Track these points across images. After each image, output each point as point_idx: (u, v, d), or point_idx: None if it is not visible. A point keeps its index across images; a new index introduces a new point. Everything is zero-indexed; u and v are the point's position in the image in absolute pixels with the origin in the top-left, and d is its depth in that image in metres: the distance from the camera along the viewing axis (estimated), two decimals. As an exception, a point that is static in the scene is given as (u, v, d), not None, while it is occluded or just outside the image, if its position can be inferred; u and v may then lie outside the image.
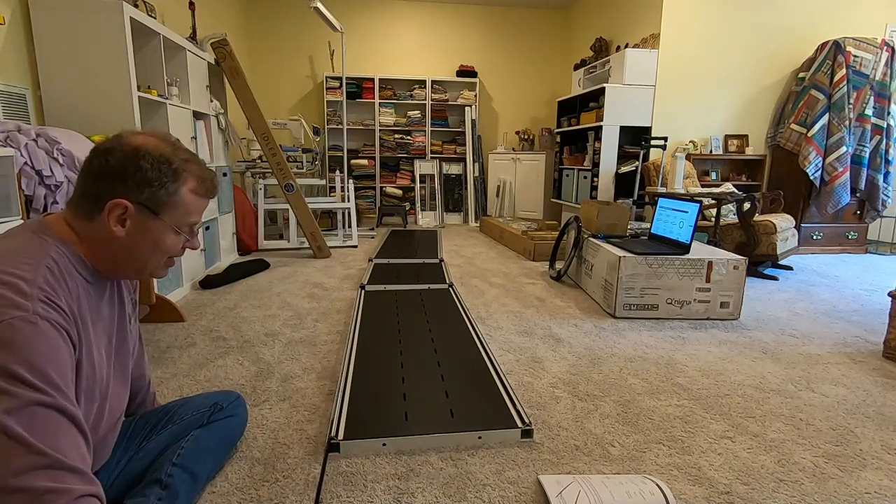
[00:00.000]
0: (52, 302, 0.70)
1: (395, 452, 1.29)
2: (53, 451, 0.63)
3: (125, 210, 0.78)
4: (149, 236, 0.82)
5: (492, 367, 1.76)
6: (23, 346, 0.64)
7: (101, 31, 2.27)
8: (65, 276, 0.75)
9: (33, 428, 0.62)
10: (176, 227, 0.84)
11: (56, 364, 0.67)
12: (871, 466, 1.28)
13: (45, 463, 0.62)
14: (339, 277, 3.17)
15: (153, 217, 0.81)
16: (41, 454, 0.62)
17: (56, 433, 0.64)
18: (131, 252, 0.82)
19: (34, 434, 0.62)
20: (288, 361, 1.87)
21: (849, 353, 2.03)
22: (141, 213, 0.80)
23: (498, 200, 5.87)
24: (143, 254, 0.83)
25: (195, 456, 1.07)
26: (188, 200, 0.84)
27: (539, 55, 6.13)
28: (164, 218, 0.82)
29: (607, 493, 1.10)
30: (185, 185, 0.83)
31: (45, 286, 0.70)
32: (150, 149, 0.80)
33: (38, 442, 0.62)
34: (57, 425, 0.64)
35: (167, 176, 0.80)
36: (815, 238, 4.19)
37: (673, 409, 1.55)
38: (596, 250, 2.71)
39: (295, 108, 5.77)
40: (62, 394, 0.66)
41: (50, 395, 0.65)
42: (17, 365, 0.62)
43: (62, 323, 0.70)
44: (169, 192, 0.81)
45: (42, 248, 0.74)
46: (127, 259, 0.82)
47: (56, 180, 1.75)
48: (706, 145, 4.36)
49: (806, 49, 4.19)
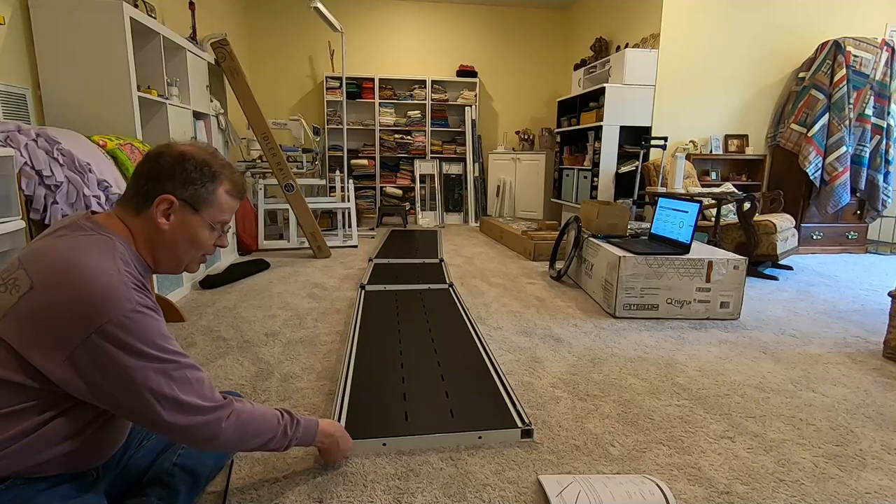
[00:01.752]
0: (139, 288, 0.82)
1: (395, 452, 1.29)
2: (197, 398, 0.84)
3: (171, 204, 0.89)
4: (188, 230, 0.92)
5: (492, 367, 1.76)
6: (140, 331, 0.77)
7: (101, 31, 2.27)
8: (131, 266, 0.84)
9: (179, 389, 0.82)
10: (211, 224, 0.94)
11: (165, 336, 0.82)
12: (871, 466, 1.28)
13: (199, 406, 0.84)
14: (339, 277, 3.17)
15: (193, 212, 0.92)
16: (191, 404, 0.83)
17: (192, 384, 0.84)
18: (173, 244, 0.92)
19: (181, 392, 0.82)
20: (288, 361, 1.87)
21: (849, 353, 2.03)
22: (183, 209, 0.90)
23: (498, 200, 5.87)
24: (182, 246, 0.93)
25: (195, 456, 1.07)
26: (223, 200, 0.95)
27: (539, 55, 6.13)
28: (202, 214, 0.92)
29: (607, 493, 1.10)
30: (221, 186, 0.94)
31: (129, 277, 0.81)
32: (193, 155, 0.92)
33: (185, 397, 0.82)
34: (191, 378, 0.84)
35: (207, 177, 0.92)
36: (815, 238, 4.19)
37: (673, 409, 1.55)
38: (596, 250, 2.71)
39: (295, 108, 5.77)
40: (181, 355, 0.84)
41: (175, 361, 0.82)
42: (147, 346, 0.78)
43: (151, 304, 0.83)
44: (208, 191, 0.92)
45: (109, 243, 0.83)
46: (168, 251, 0.92)
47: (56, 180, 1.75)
48: (706, 145, 4.36)
49: (806, 49, 4.19)
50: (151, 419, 0.80)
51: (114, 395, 0.77)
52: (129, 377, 0.77)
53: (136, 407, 0.79)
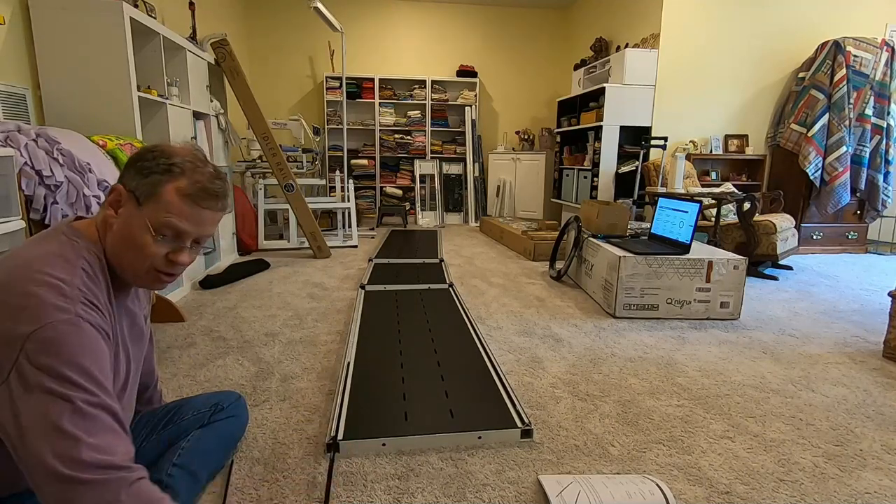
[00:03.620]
0: (91, 303, 0.73)
1: (395, 452, 1.29)
2: (104, 448, 0.66)
3: (119, 195, 0.80)
4: (128, 228, 0.79)
5: (492, 367, 1.76)
6: (69, 348, 0.67)
7: (101, 31, 2.26)
8: (98, 275, 0.78)
9: (85, 427, 0.65)
10: (153, 224, 0.79)
11: (99, 364, 0.70)
12: (871, 466, 1.28)
13: (98, 461, 0.65)
14: (339, 277, 3.17)
15: (136, 206, 0.79)
16: (95, 450, 0.65)
17: (105, 431, 0.67)
18: (117, 244, 0.80)
19: (86, 433, 0.65)
20: (288, 361, 1.87)
21: (849, 353, 2.03)
22: (129, 201, 0.80)
23: (498, 200, 5.87)
24: (122, 248, 0.80)
25: (195, 456, 1.07)
26: (169, 198, 0.79)
27: (539, 55, 6.13)
28: (143, 209, 0.79)
29: (607, 493, 1.10)
30: (173, 181, 0.79)
31: (83, 287, 0.73)
32: (165, 148, 0.82)
33: (91, 439, 0.65)
34: (105, 423, 0.68)
35: (159, 168, 0.79)
36: (815, 238, 4.19)
37: (673, 409, 1.55)
38: (596, 250, 2.71)
39: (295, 108, 5.77)
40: (106, 392, 0.70)
41: (96, 394, 0.68)
42: (65, 367, 0.65)
43: (101, 324, 0.74)
44: (153, 183, 0.79)
45: (75, 250, 0.76)
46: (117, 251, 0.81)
47: (56, 180, 1.75)
48: (706, 145, 4.36)
49: (806, 49, 4.19)
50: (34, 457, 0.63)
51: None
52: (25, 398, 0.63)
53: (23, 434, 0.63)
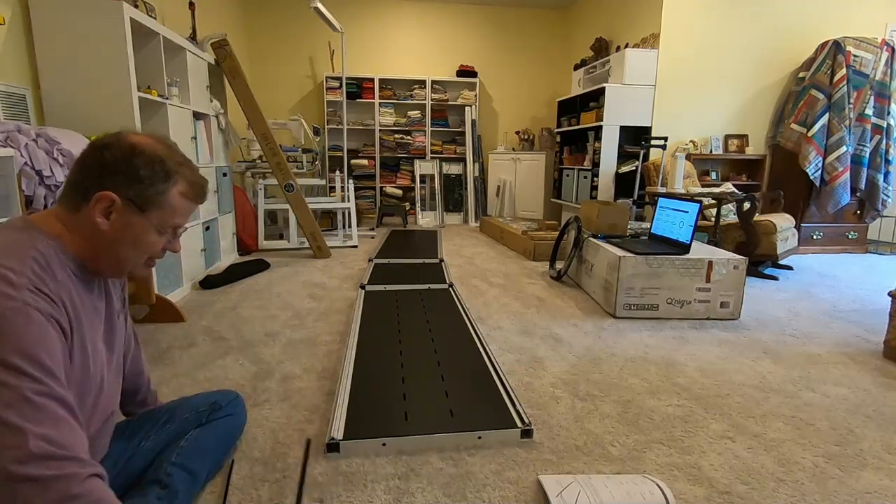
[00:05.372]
0: (41, 291, 0.70)
1: (395, 452, 1.29)
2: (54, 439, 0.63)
3: (112, 203, 0.79)
4: (130, 232, 0.82)
5: (492, 367, 1.76)
6: (15, 335, 0.64)
7: (101, 31, 2.26)
8: (52, 267, 0.75)
9: (32, 417, 0.62)
10: (159, 227, 0.84)
11: (49, 352, 0.67)
12: (871, 466, 1.28)
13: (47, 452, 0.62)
14: (339, 277, 3.17)
15: (138, 213, 0.81)
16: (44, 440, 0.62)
17: (55, 421, 0.64)
18: (112, 247, 0.82)
19: (33, 423, 0.61)
20: (288, 361, 1.87)
21: (849, 353, 2.03)
22: (127, 209, 0.80)
23: (498, 200, 5.87)
24: (124, 250, 0.83)
25: (194, 455, 1.07)
26: (176, 202, 0.84)
27: (539, 55, 6.13)
28: (149, 216, 0.82)
29: (607, 493, 1.10)
30: (175, 186, 0.84)
31: (33, 276, 0.70)
32: (145, 148, 0.81)
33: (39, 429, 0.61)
34: (55, 413, 0.65)
35: (158, 175, 0.81)
36: (815, 238, 4.19)
37: (673, 409, 1.55)
38: (596, 250, 2.71)
39: (295, 108, 5.77)
40: (57, 381, 0.66)
41: (45, 383, 0.65)
42: (10, 355, 0.62)
43: (52, 312, 0.70)
44: (158, 192, 0.82)
45: (28, 241, 0.74)
46: (108, 253, 0.82)
47: (56, 180, 1.75)
48: (706, 145, 4.36)
49: (806, 49, 4.19)
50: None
51: None
52: None
53: None
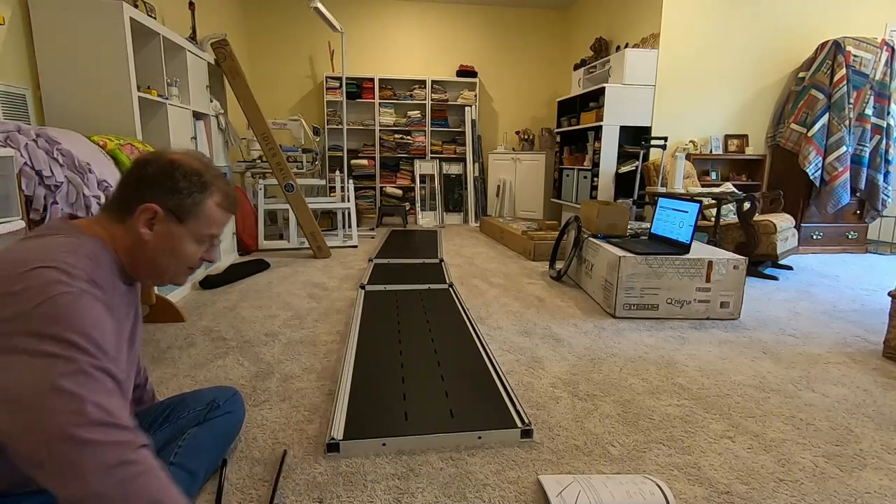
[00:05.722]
0: (95, 282, 0.74)
1: (395, 452, 1.29)
2: (108, 408, 0.65)
3: (154, 214, 0.85)
4: (171, 242, 0.87)
5: (492, 367, 1.76)
6: (72, 316, 0.67)
7: (101, 31, 2.27)
8: (101, 266, 0.79)
9: (88, 387, 0.64)
10: (197, 237, 0.90)
11: (102, 333, 0.70)
12: (871, 466, 1.28)
13: (103, 419, 0.64)
14: (339, 277, 3.17)
15: (178, 224, 0.87)
16: (99, 408, 0.64)
17: (108, 393, 0.67)
18: (154, 256, 0.87)
19: (89, 392, 0.64)
20: (288, 361, 1.87)
21: (849, 353, 2.03)
22: (168, 219, 0.86)
23: (498, 200, 5.87)
24: (165, 259, 0.88)
25: (193, 454, 1.07)
26: (212, 213, 0.90)
27: (539, 55, 6.13)
28: (187, 225, 0.88)
29: (607, 493, 1.10)
30: (211, 197, 0.90)
31: (88, 270, 0.75)
32: (183, 162, 0.88)
33: (94, 398, 0.64)
34: (108, 386, 0.67)
35: (196, 187, 0.88)
36: (815, 238, 4.19)
37: (673, 409, 1.55)
38: (596, 250, 2.71)
39: (295, 108, 5.77)
40: (109, 359, 0.70)
41: (99, 358, 0.68)
42: (67, 332, 0.65)
43: (104, 299, 0.74)
44: (195, 202, 0.88)
45: (79, 243, 0.78)
46: (150, 262, 0.87)
47: (56, 180, 1.75)
48: (706, 145, 4.36)
49: (806, 49, 4.19)
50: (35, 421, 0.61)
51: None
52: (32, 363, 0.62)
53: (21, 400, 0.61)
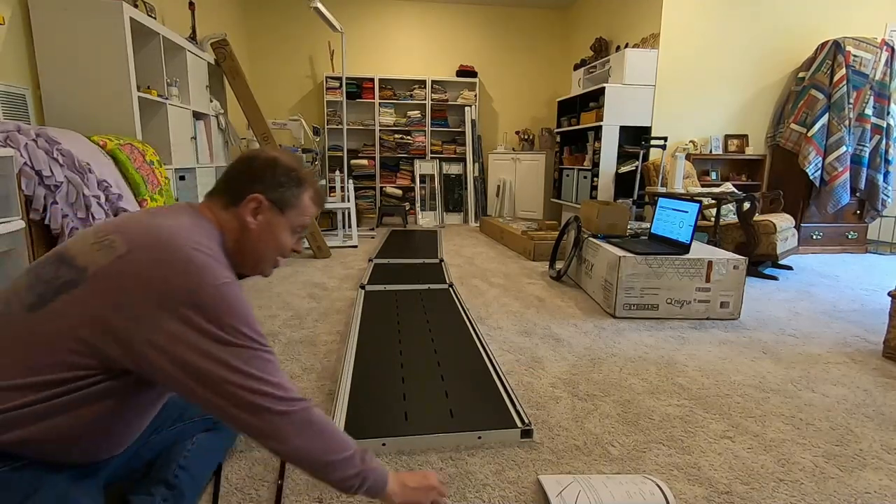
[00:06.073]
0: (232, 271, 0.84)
1: (395, 452, 1.29)
2: (285, 385, 0.81)
3: (259, 204, 0.93)
4: (272, 230, 0.95)
5: (492, 367, 1.76)
6: (238, 307, 0.78)
7: (101, 31, 2.27)
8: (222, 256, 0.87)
9: (268, 370, 0.80)
10: (292, 227, 0.98)
11: (254, 320, 0.82)
12: (871, 466, 1.28)
13: (286, 394, 0.80)
14: (339, 277, 3.17)
15: (279, 214, 0.96)
16: (280, 387, 0.80)
17: (279, 372, 0.82)
18: (256, 243, 0.95)
19: (271, 374, 0.79)
20: (288, 361, 1.87)
21: (849, 353, 2.03)
22: (271, 209, 0.95)
23: (498, 200, 5.87)
24: (264, 246, 0.96)
25: (200, 459, 1.09)
26: (306, 204, 0.99)
27: (539, 55, 6.13)
28: (287, 215, 0.97)
29: (607, 493, 1.10)
30: (306, 192, 0.99)
31: (225, 258, 0.85)
32: (282, 159, 0.97)
33: (275, 378, 0.80)
34: (277, 367, 0.82)
35: (294, 181, 0.97)
36: (815, 238, 4.19)
37: (673, 409, 1.55)
38: (596, 250, 2.71)
39: (295, 108, 5.77)
40: (265, 340, 0.83)
41: (265, 345, 0.81)
42: (239, 324, 0.78)
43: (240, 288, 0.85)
44: (294, 195, 0.97)
45: (210, 229, 0.88)
46: (252, 250, 0.95)
47: (56, 180, 1.75)
48: (706, 145, 4.36)
49: (806, 49, 4.19)
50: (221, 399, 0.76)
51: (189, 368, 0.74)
52: (210, 350, 0.75)
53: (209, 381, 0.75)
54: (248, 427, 0.78)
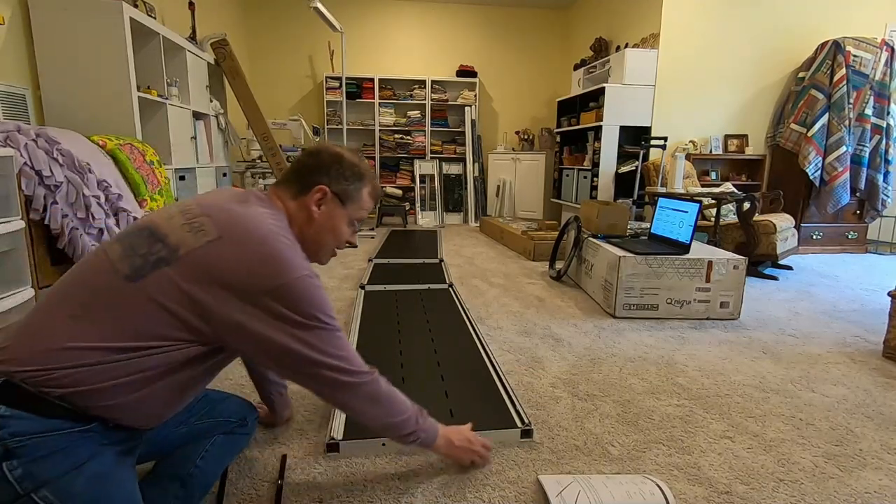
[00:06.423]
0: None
1: (395, 452, 1.29)
2: (357, 361, 0.95)
3: (324, 195, 1.00)
4: (333, 220, 1.02)
5: (492, 367, 1.76)
6: (316, 297, 0.87)
7: (101, 31, 2.27)
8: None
9: (343, 349, 0.92)
10: (351, 219, 1.05)
11: (329, 305, 0.91)
12: (871, 466, 1.28)
13: (359, 369, 0.95)
14: (339, 277, 3.17)
15: (340, 206, 1.03)
16: (354, 363, 0.94)
17: (352, 349, 0.95)
18: (319, 232, 1.02)
19: (346, 352, 0.93)
20: (288, 361, 1.87)
21: (849, 353, 2.03)
22: (333, 201, 1.02)
23: (498, 200, 5.87)
24: (326, 235, 1.03)
25: (215, 462, 1.09)
26: (365, 199, 1.07)
27: (539, 55, 6.14)
28: (347, 208, 1.04)
29: (607, 493, 1.10)
30: (365, 187, 1.06)
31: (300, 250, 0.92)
32: (345, 155, 1.04)
33: (348, 354, 0.93)
34: (344, 342, 0.93)
35: (356, 176, 1.04)
36: (815, 238, 4.19)
37: (673, 409, 1.55)
38: (596, 250, 2.71)
39: (295, 108, 5.77)
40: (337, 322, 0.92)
41: (339, 328, 0.92)
42: (318, 312, 0.87)
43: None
44: (355, 189, 1.04)
45: (282, 218, 0.96)
46: (314, 238, 1.02)
47: (56, 180, 1.75)
48: (706, 145, 4.36)
49: (806, 49, 4.19)
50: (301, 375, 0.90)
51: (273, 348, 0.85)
52: (292, 333, 0.85)
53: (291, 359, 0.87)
54: (326, 396, 0.94)
